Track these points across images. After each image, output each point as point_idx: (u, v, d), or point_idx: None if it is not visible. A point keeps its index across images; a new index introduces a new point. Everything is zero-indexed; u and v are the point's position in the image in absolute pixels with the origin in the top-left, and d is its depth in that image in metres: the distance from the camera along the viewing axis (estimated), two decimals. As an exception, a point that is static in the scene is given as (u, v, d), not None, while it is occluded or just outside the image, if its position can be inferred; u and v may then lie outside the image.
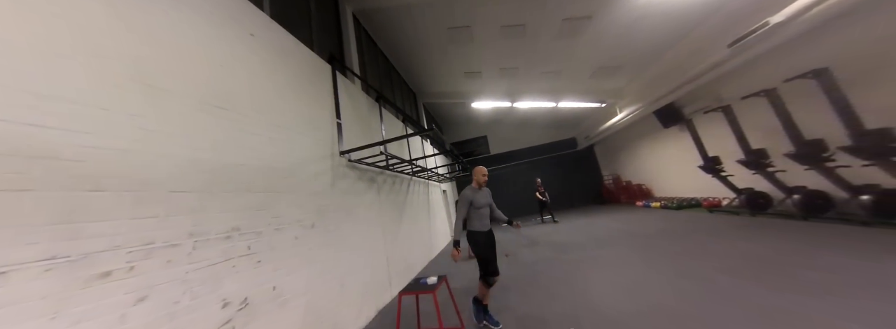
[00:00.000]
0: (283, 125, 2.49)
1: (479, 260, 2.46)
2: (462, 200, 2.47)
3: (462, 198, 2.48)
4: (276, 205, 2.20)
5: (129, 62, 1.46)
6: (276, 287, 2.01)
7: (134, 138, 1.39)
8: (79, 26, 1.29)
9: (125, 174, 1.32)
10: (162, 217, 1.42)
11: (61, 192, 1.12)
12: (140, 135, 1.42)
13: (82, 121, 1.23)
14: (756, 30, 3.76)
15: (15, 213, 1.00)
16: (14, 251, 0.98)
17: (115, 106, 1.35)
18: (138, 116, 1.43)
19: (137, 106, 1.44)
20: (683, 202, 6.77)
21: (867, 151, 3.27)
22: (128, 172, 1.33)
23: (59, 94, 1.18)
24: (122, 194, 1.30)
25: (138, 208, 1.34)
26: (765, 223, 4.26)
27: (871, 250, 2.62)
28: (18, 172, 1.03)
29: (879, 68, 3.32)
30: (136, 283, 1.27)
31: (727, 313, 1.97)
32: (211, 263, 1.61)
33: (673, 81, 5.62)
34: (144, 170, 1.40)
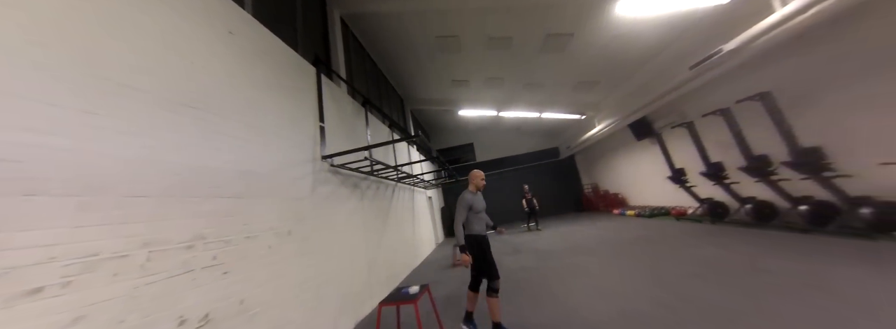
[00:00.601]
0: (262, 127, 2.37)
1: (476, 265, 2.38)
2: (461, 204, 2.41)
3: (462, 201, 2.41)
4: (250, 211, 2.06)
5: (85, 55, 1.34)
6: (243, 300, 1.85)
7: (84, 137, 1.26)
8: (25, 12, 1.17)
9: (69, 177, 1.18)
10: (111, 225, 1.28)
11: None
12: (91, 133, 1.28)
13: (22, 116, 1.09)
14: (712, 55, 4.21)
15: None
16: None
17: (65, 101, 1.22)
18: (92, 114, 1.30)
19: (92, 102, 1.31)
20: (655, 211, 7.14)
21: (804, 166, 3.69)
22: (73, 175, 1.19)
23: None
24: (64, 199, 1.16)
25: (82, 215, 1.20)
26: (723, 231, 4.62)
27: (807, 255, 2.95)
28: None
29: (811, 93, 3.82)
30: (72, 300, 1.12)
31: (692, 317, 2.13)
32: (168, 276, 1.46)
33: (644, 98, 6.07)
34: (93, 172, 1.26)
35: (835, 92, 3.60)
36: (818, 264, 2.68)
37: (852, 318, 1.78)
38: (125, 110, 1.43)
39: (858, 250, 2.88)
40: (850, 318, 1.78)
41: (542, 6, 4.57)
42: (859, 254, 2.78)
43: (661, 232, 5.24)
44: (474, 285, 2.45)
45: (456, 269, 5.19)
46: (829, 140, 3.69)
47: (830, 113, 3.68)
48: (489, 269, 2.34)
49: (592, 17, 4.72)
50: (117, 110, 1.40)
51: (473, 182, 2.57)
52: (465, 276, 4.67)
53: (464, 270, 5.21)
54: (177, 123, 1.68)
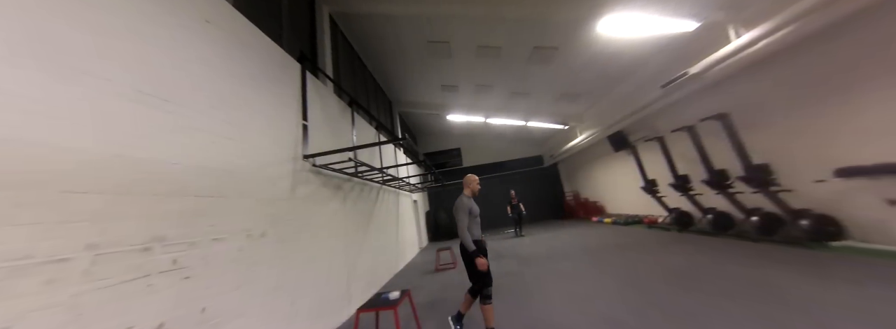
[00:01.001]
0: (238, 123, 2.24)
1: (471, 270, 2.33)
2: (461, 208, 2.35)
3: (461, 206, 2.36)
4: (220, 211, 1.91)
5: (38, 35, 1.20)
6: (206, 308, 1.70)
7: (19, 124, 1.11)
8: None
9: (3, 169, 1.04)
10: (48, 224, 1.13)
11: None
12: (39, 122, 1.14)
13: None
14: (679, 77, 4.64)
15: None
16: None
17: (7, 85, 1.08)
18: (35, 100, 1.16)
19: (36, 87, 1.17)
20: (629, 219, 7.49)
21: (754, 181, 4.08)
22: (6, 166, 1.05)
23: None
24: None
25: (16, 212, 1.05)
26: (688, 239, 4.92)
27: (756, 262, 3.24)
28: None
29: (761, 117, 4.32)
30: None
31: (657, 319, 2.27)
32: (116, 282, 1.31)
33: (621, 112, 6.48)
34: (29, 164, 1.12)
35: (779, 116, 4.11)
36: (765, 270, 2.95)
37: (789, 316, 2.01)
38: (82, 98, 1.30)
39: (798, 258, 3.18)
40: (788, 316, 2.02)
41: (530, 20, 4.78)
42: (799, 261, 3.07)
43: (634, 239, 5.50)
44: (475, 290, 2.40)
45: (439, 273, 5.10)
46: (774, 158, 4.15)
47: (776, 134, 4.16)
48: (484, 275, 2.31)
49: (576, 33, 4.99)
50: (69, 97, 1.27)
51: (470, 186, 2.55)
52: (447, 280, 4.60)
53: (446, 275, 5.13)
54: (141, 115, 1.54)
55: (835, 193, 3.59)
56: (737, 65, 3.88)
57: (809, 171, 3.78)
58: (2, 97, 1.08)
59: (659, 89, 5.13)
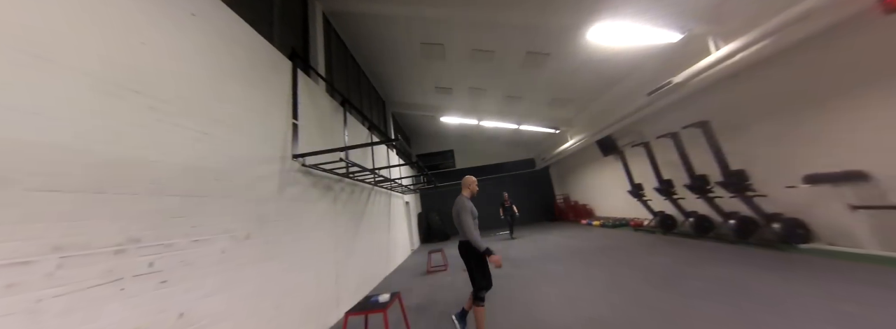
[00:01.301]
0: (223, 120, 2.16)
1: (478, 272, 2.29)
2: (465, 209, 2.33)
3: (464, 206, 2.35)
4: (201, 211, 1.84)
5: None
6: (184, 313, 1.62)
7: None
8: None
9: (-43, 162, 0.96)
10: (9, 224, 1.05)
11: None
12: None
13: None
14: (664, 85, 4.84)
15: None
16: None
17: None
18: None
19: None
20: (617, 222, 7.69)
21: (732, 186, 4.28)
22: (-37, 160, 0.97)
23: None
24: (-54, 190, 0.93)
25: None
26: (672, 241, 5.09)
27: (732, 264, 3.38)
28: None
29: (739, 125, 4.57)
30: (-58, 318, 0.89)
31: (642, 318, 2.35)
32: (85, 287, 1.23)
33: (610, 117, 6.67)
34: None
35: (755, 125, 4.36)
36: (739, 271, 3.10)
37: (760, 314, 2.15)
38: (47, 90, 1.22)
39: (771, 260, 3.33)
40: (759, 314, 2.15)
41: (523, 26, 4.87)
42: (771, 263, 3.22)
43: (621, 242, 5.64)
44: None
45: (430, 275, 5.06)
46: (750, 164, 4.37)
47: (752, 142, 4.40)
48: (483, 277, 2.28)
49: (567, 40, 5.13)
50: (37, 89, 1.19)
51: (469, 187, 2.56)
52: (438, 282, 4.56)
53: (437, 277, 5.09)
54: (115, 109, 1.47)
55: (804, 199, 3.80)
56: (717, 75, 4.08)
57: (781, 177, 3.98)
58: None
59: (645, 97, 5.32)
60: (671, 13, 4.21)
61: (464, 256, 2.38)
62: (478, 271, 2.28)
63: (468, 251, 2.34)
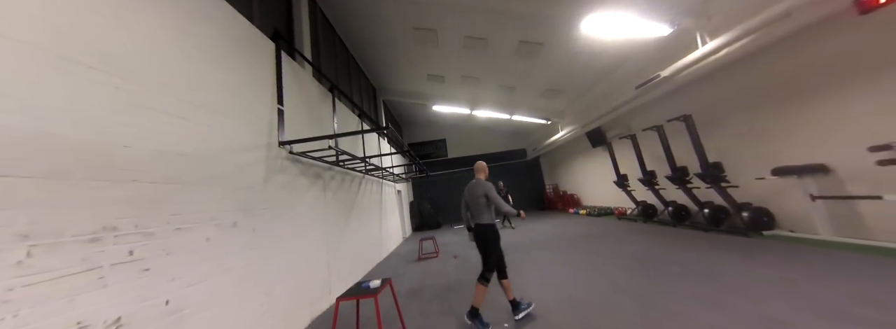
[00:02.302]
0: (199, 104, 2.05)
1: (491, 255, 2.35)
2: (492, 190, 2.44)
3: (490, 187, 2.46)
4: (182, 199, 1.78)
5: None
6: (169, 301, 1.61)
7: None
8: None
9: None
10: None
11: None
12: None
13: None
14: (652, 79, 4.90)
15: None
16: None
17: None
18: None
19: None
20: (602, 211, 8.01)
21: (708, 177, 4.52)
22: None
23: None
24: None
25: (-80, 196, 0.90)
26: (652, 229, 5.37)
27: (704, 249, 3.62)
28: None
29: (716, 119, 4.78)
30: None
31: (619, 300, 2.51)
32: (59, 275, 1.19)
33: (599, 110, 6.75)
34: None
35: (733, 119, 4.56)
36: (711, 256, 3.34)
37: (727, 295, 2.33)
38: (2, 67, 1.11)
39: (738, 245, 3.59)
40: (726, 295, 2.33)
41: (517, 14, 4.73)
42: (738, 248, 3.47)
43: (604, 229, 5.91)
44: (503, 273, 2.43)
45: (421, 262, 5.17)
46: (726, 157, 4.63)
47: (728, 136, 4.63)
48: (498, 259, 2.38)
49: (561, 30, 5.04)
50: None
51: (484, 171, 2.68)
52: (429, 269, 4.67)
53: (428, 264, 5.21)
54: (79, 89, 1.36)
55: (771, 189, 4.09)
56: (703, 70, 4.17)
57: (753, 169, 4.25)
58: None
59: (634, 90, 5.38)
60: (663, 6, 4.20)
61: (480, 239, 2.41)
62: (494, 253, 2.37)
63: (486, 234, 2.40)
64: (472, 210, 2.53)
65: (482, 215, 2.45)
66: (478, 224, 2.46)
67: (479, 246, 2.48)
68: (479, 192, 2.46)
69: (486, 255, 2.39)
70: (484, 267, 2.38)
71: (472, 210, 2.53)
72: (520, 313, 2.35)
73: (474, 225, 2.50)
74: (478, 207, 2.46)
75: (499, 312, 2.59)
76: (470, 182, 2.64)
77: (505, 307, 2.58)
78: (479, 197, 2.45)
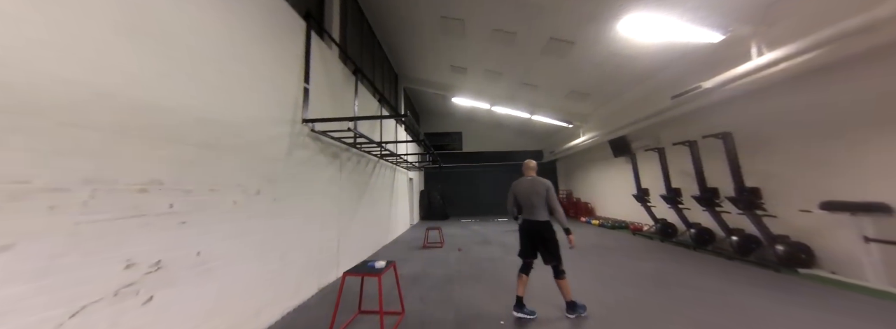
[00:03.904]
0: (235, 75, 2.18)
1: (558, 248, 2.43)
2: (553, 191, 2.51)
3: (551, 187, 2.51)
4: (215, 163, 1.94)
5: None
6: (200, 252, 1.80)
7: (10, 45, 1.08)
8: None
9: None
10: (45, 153, 1.15)
11: None
12: (20, 43, 1.11)
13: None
14: (692, 90, 4.50)
15: None
16: None
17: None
18: (21, 20, 1.11)
19: (18, 6, 1.12)
20: (616, 223, 7.74)
21: (742, 203, 4.14)
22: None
23: None
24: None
25: (8, 137, 1.06)
26: (668, 249, 5.09)
27: (726, 278, 3.38)
28: None
29: (761, 141, 4.26)
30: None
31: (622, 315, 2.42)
32: (115, 217, 1.36)
33: (627, 118, 6.37)
34: (23, 89, 1.11)
35: (782, 143, 4.08)
36: (732, 285, 3.11)
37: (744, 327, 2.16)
38: (63, 23, 1.24)
39: (766, 279, 3.31)
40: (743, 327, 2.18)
41: (550, 8, 4.49)
42: (765, 282, 3.20)
43: (618, 243, 5.67)
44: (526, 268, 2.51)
45: (426, 250, 5.32)
46: (766, 183, 4.18)
47: (774, 161, 4.15)
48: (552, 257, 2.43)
49: (595, 29, 4.73)
50: (53, 22, 1.21)
51: (535, 169, 2.70)
52: (433, 257, 4.81)
53: (432, 252, 5.36)
54: (134, 53, 1.50)
55: (815, 224, 3.65)
56: (753, 84, 3.75)
57: (797, 200, 3.81)
58: (5, 25, 1.03)
59: (669, 100, 5.02)
60: (715, 10, 3.75)
61: (542, 236, 2.43)
62: (557, 249, 2.42)
63: (548, 231, 2.43)
64: (527, 206, 2.52)
65: (541, 212, 2.46)
66: (536, 221, 2.45)
67: (538, 243, 2.46)
68: (540, 190, 2.48)
69: (553, 249, 2.41)
70: (556, 262, 2.40)
71: (527, 206, 2.52)
72: (575, 313, 2.36)
73: (531, 221, 2.48)
74: (537, 204, 2.47)
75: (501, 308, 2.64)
76: (523, 178, 2.63)
77: (506, 303, 2.63)
78: (539, 194, 2.46)
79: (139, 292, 1.45)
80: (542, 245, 2.46)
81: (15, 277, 1.05)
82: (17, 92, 1.08)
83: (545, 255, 2.46)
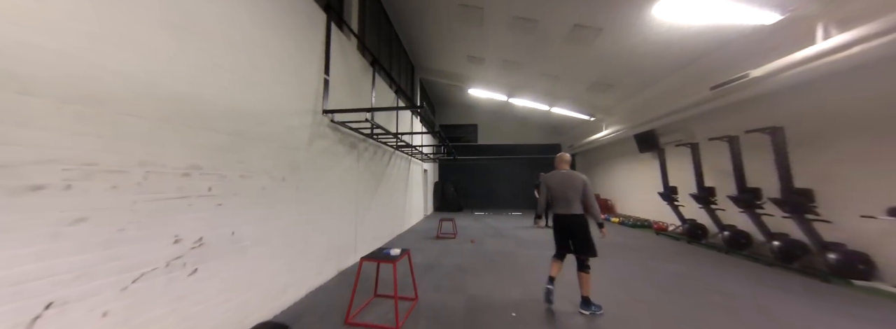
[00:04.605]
0: (262, 68, 2.29)
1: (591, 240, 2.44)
2: (589, 185, 2.54)
3: (588, 182, 2.54)
4: (245, 151, 2.09)
5: (78, -49, 1.23)
6: (235, 232, 1.97)
7: (75, 43, 1.21)
8: None
9: (63, 82, 1.17)
10: (108, 138, 1.30)
11: (-19, 87, 0.97)
12: (83, 40, 1.23)
13: (4, 8, 1.04)
14: (736, 79, 4.00)
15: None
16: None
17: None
18: (80, 19, 1.23)
19: (77, 5, 1.24)
20: (638, 222, 7.40)
21: (789, 206, 3.72)
22: (66, 81, 1.18)
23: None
24: (61, 105, 1.16)
25: (80, 124, 1.21)
26: (696, 251, 4.75)
27: (764, 285, 3.09)
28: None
29: (821, 138, 3.75)
30: (74, 202, 1.18)
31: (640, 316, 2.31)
32: (164, 197, 1.53)
33: (657, 110, 5.90)
34: (87, 82, 1.24)
35: (845, 140, 3.55)
36: (770, 293, 2.84)
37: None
38: (115, 20, 1.36)
39: (812, 290, 3.00)
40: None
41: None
42: (812, 293, 2.89)
43: (639, 242, 5.43)
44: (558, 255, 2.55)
45: (439, 240, 5.45)
46: (821, 185, 3.70)
47: (832, 160, 3.65)
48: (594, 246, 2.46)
49: (626, 14, 4.35)
50: (107, 19, 1.33)
51: (570, 162, 2.69)
52: (446, 248, 4.93)
53: (445, 243, 5.48)
54: (172, 46, 1.61)
55: (879, 232, 3.22)
56: (812, 72, 3.24)
57: (859, 204, 3.37)
58: (43, 7, 1.16)
59: (707, 91, 4.54)
60: None
61: (578, 229, 2.44)
62: (591, 240, 2.44)
63: (583, 224, 2.45)
64: (561, 200, 2.50)
65: (577, 205, 2.48)
66: (572, 214, 2.47)
67: (572, 235, 2.46)
68: (577, 183, 2.49)
69: (585, 244, 2.42)
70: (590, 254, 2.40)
71: (561, 200, 2.50)
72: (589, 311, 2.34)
73: (566, 215, 2.48)
74: (573, 198, 2.48)
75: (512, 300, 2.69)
76: (556, 171, 2.61)
77: (517, 295, 2.66)
78: (576, 188, 2.47)
79: (186, 264, 1.63)
80: (575, 237, 2.46)
81: (89, 246, 1.22)
82: (84, 84, 1.22)
83: (579, 246, 2.44)
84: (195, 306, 1.67)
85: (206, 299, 1.74)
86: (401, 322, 2.12)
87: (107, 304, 1.27)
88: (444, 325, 2.15)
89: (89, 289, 1.22)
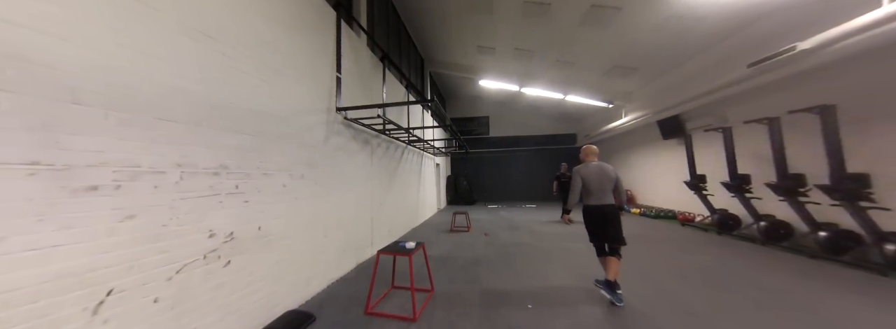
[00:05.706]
0: (277, 69, 2.36)
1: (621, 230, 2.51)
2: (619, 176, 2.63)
3: (617, 173, 2.62)
4: (266, 150, 2.19)
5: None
6: (261, 227, 2.10)
7: (117, 55, 1.30)
8: None
9: (107, 92, 1.27)
10: (148, 142, 1.41)
11: (37, 98, 1.07)
12: (124, 53, 1.32)
13: (56, 24, 1.13)
14: (781, 53, 3.60)
15: (-9, 113, 0.97)
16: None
17: (93, 15, 1.24)
18: (121, 32, 1.32)
19: (118, 20, 1.32)
20: (660, 212, 7.06)
21: (840, 192, 3.36)
22: (110, 90, 1.28)
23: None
24: (107, 112, 1.26)
25: (124, 129, 1.32)
26: (728, 242, 4.45)
27: (809, 280, 2.85)
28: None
29: (877, 117, 3.30)
30: (124, 201, 1.31)
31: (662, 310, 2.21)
32: (198, 195, 1.65)
33: (685, 93, 5.49)
34: (128, 91, 1.34)
35: None
36: (816, 289, 2.60)
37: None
38: (149, 32, 1.44)
39: (863, 284, 2.73)
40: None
41: None
42: (863, 287, 2.64)
43: (662, 234, 5.19)
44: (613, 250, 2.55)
45: (453, 234, 5.53)
46: (880, 168, 3.29)
47: (891, 140, 3.22)
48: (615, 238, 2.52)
49: None
50: (142, 31, 1.42)
51: (597, 154, 2.75)
52: (460, 241, 5.00)
53: (459, 236, 5.55)
54: (196, 53, 1.70)
55: None
56: (873, 41, 2.82)
57: None
58: (88, 24, 1.24)
59: (744, 69, 4.12)
60: None
61: (612, 219, 2.51)
62: (620, 231, 2.51)
63: (617, 213, 2.54)
64: (597, 191, 2.55)
65: (610, 196, 2.56)
66: (608, 204, 2.54)
67: (607, 224, 2.51)
68: (612, 175, 2.57)
69: (616, 234, 2.49)
70: (622, 243, 2.46)
71: (597, 191, 2.55)
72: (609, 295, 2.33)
73: (602, 206, 2.53)
74: (608, 189, 2.56)
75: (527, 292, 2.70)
76: (589, 164, 2.63)
77: (532, 288, 2.67)
78: (611, 179, 2.56)
79: (220, 257, 1.77)
80: (612, 226, 2.51)
81: (138, 240, 1.36)
82: (127, 92, 1.32)
83: (615, 234, 2.50)
84: (230, 295, 1.82)
85: (239, 288, 1.89)
86: (418, 313, 2.21)
87: (157, 292, 1.42)
88: (461, 316, 2.21)
89: (141, 278, 1.36)
